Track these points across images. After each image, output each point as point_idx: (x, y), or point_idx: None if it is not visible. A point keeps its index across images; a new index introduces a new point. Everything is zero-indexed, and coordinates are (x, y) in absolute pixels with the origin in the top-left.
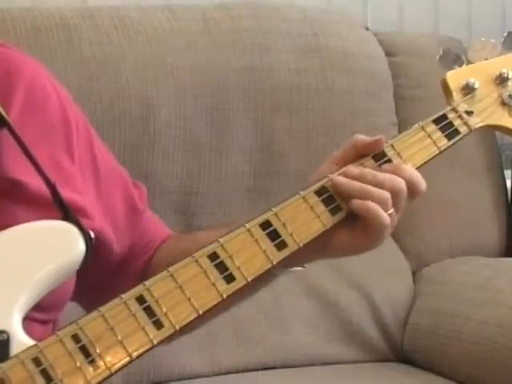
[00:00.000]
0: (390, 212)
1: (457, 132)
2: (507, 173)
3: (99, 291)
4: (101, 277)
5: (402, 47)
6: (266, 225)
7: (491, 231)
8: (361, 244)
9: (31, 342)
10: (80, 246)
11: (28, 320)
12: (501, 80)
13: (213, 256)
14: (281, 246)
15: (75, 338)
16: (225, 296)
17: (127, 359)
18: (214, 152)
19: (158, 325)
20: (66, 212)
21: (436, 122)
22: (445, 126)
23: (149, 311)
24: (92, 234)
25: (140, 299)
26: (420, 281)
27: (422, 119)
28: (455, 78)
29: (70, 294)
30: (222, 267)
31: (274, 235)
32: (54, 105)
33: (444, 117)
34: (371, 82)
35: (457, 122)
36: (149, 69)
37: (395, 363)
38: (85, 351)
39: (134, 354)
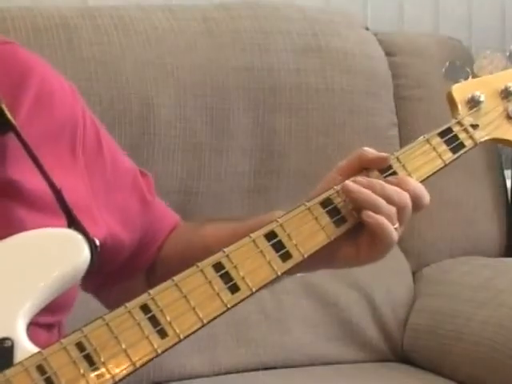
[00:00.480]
0: (395, 227)
1: (462, 145)
2: (507, 173)
3: (112, 284)
4: (112, 270)
5: (402, 47)
6: (270, 236)
7: (491, 231)
8: (365, 256)
9: (35, 349)
10: (85, 254)
11: (33, 325)
12: (506, 94)
13: (218, 266)
14: (285, 257)
15: (79, 346)
16: (229, 306)
17: (131, 368)
18: (214, 152)
19: (163, 334)
20: (72, 218)
21: (441, 135)
22: (450, 139)
23: (153, 320)
24: (97, 242)
25: (144, 308)
26: (420, 281)
27: (422, 119)
28: (461, 91)
29: (75, 296)
30: (226, 277)
31: (278, 246)
32: (61, 103)
33: (449, 130)
34: (371, 82)
35: (462, 136)
36: (149, 69)
37: (395, 363)
38: (89, 359)
39: (138, 363)
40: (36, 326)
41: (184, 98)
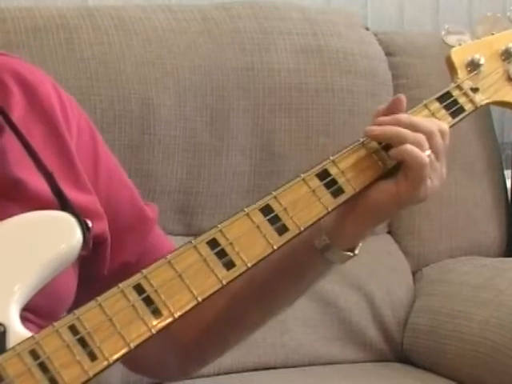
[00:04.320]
0: (427, 153)
1: (462, 109)
2: (507, 173)
3: None
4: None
5: (402, 47)
6: (266, 210)
7: (491, 231)
8: (404, 192)
9: (28, 334)
10: (77, 236)
11: (29, 323)
12: (507, 55)
13: (212, 242)
14: (282, 230)
15: (72, 328)
16: (225, 282)
17: (126, 349)
18: (214, 152)
19: (157, 314)
20: (63, 202)
21: (440, 100)
22: (449, 103)
23: (147, 300)
24: (89, 223)
25: (138, 288)
26: (420, 281)
27: None
28: (460, 54)
29: (71, 298)
30: (221, 253)
31: (274, 219)
32: (56, 108)
33: (448, 94)
34: (371, 82)
35: (462, 100)
36: (149, 69)
37: (395, 363)
38: (82, 342)
39: (133, 344)
40: (30, 324)
41: (184, 98)
